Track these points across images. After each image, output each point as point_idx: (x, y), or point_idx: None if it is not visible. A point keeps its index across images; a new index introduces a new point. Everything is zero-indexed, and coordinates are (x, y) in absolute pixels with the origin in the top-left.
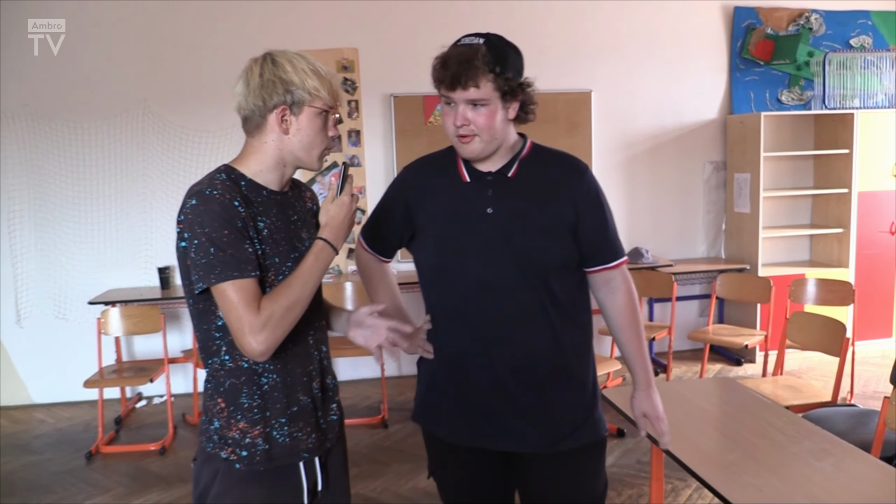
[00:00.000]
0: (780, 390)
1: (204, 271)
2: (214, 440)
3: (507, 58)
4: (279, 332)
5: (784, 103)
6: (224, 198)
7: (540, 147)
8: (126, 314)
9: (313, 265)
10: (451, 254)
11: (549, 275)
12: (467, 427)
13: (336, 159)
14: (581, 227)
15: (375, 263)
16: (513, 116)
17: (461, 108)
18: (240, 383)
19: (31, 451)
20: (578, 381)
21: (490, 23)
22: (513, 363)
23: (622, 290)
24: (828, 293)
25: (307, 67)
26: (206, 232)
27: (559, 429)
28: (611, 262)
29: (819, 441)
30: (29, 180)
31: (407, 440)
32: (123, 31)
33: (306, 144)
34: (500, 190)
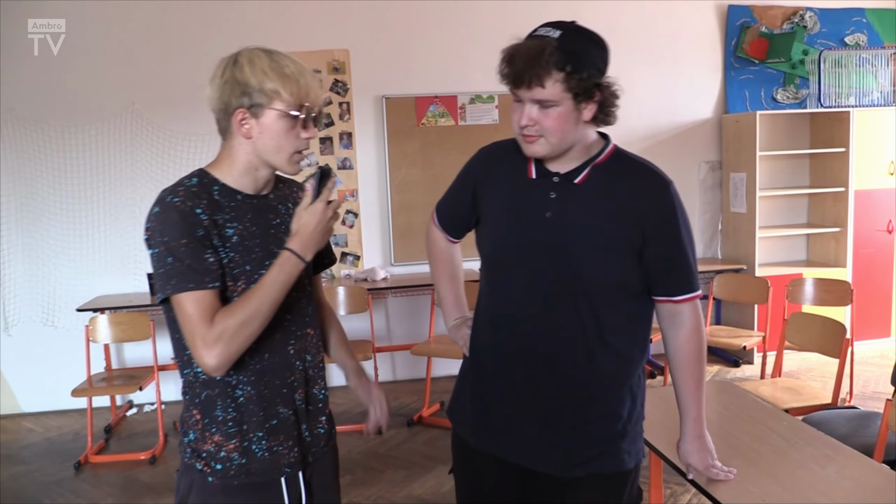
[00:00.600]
0: (779, 393)
1: (162, 282)
2: (188, 452)
3: (582, 54)
4: (233, 346)
5: (779, 102)
6: (185, 205)
7: (622, 154)
8: (115, 321)
9: (276, 277)
10: (502, 250)
11: (598, 295)
12: (487, 433)
13: (327, 163)
14: (648, 251)
15: (443, 242)
16: (588, 118)
17: (528, 106)
18: (214, 395)
19: (19, 462)
20: (610, 410)
21: (484, 24)
22: (538, 376)
23: (687, 328)
24: (826, 293)
25: (268, 66)
26: (165, 241)
27: (577, 453)
28: (677, 296)
29: (821, 447)
30: (16, 185)
31: (402, 447)
32: (111, 35)
33: (271, 148)
34: (564, 195)
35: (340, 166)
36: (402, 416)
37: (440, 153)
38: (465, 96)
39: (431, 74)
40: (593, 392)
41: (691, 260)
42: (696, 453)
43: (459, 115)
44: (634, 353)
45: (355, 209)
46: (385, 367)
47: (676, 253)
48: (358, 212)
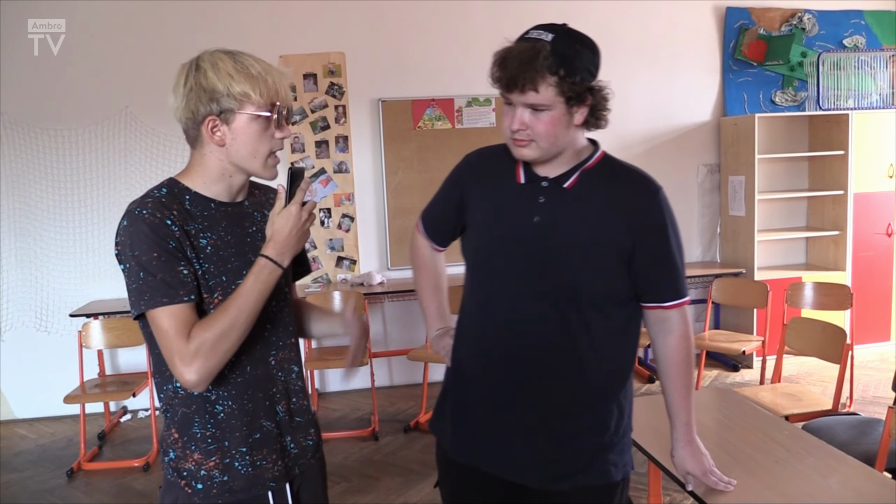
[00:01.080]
0: (779, 398)
1: (135, 297)
2: (170, 471)
3: (575, 58)
4: (213, 360)
5: (778, 104)
6: (154, 217)
7: (611, 159)
8: (108, 327)
9: (252, 286)
10: (489, 256)
11: (587, 302)
12: (468, 445)
13: (298, 163)
14: (637, 257)
15: (428, 250)
16: (579, 122)
17: (519, 110)
18: (191, 412)
19: (10, 469)
20: (599, 421)
21: (480, 26)
22: (524, 387)
23: (675, 334)
24: (825, 297)
25: (233, 69)
26: (135, 255)
27: (563, 465)
28: (666, 302)
29: (823, 456)
30: (8, 189)
31: (398, 453)
32: (104, 38)
33: (246, 153)
34: (553, 199)
35: (336, 170)
36: (399, 423)
37: (437, 157)
38: (462, 99)
39: (428, 77)
40: (581, 402)
41: (680, 266)
42: (690, 458)
43: (456, 119)
44: (623, 363)
45: (351, 213)
46: (382, 373)
47: (666, 259)
48: (354, 216)
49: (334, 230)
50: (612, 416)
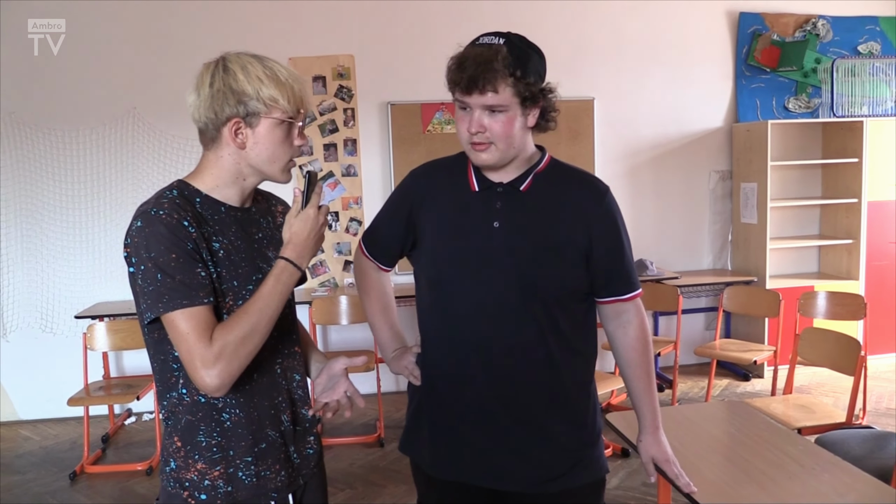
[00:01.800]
0: (791, 410)
1: (152, 300)
2: (171, 482)
3: (528, 60)
4: (235, 364)
5: (791, 111)
6: (171, 218)
7: (559, 163)
8: (113, 329)
9: (273, 288)
10: (450, 266)
11: (553, 300)
12: (450, 459)
13: (311, 168)
14: (594, 254)
15: (373, 271)
16: (532, 124)
17: (477, 113)
18: (196, 420)
19: (13, 471)
20: (576, 417)
21: (488, 29)
22: (504, 393)
23: (634, 325)
24: (839, 307)
25: (262, 73)
26: (152, 257)
27: (550, 468)
28: (623, 295)
29: (839, 473)
30: (15, 190)
31: (404, 460)
32: (111, 38)
33: (266, 158)
34: (510, 203)
35: (345, 173)
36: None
37: None
38: None
39: (437, 80)
40: (559, 401)
41: (631, 260)
42: (654, 445)
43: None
44: (589, 356)
45: (359, 217)
46: (388, 378)
47: (619, 254)
48: (362, 220)
49: (342, 234)
50: (587, 412)
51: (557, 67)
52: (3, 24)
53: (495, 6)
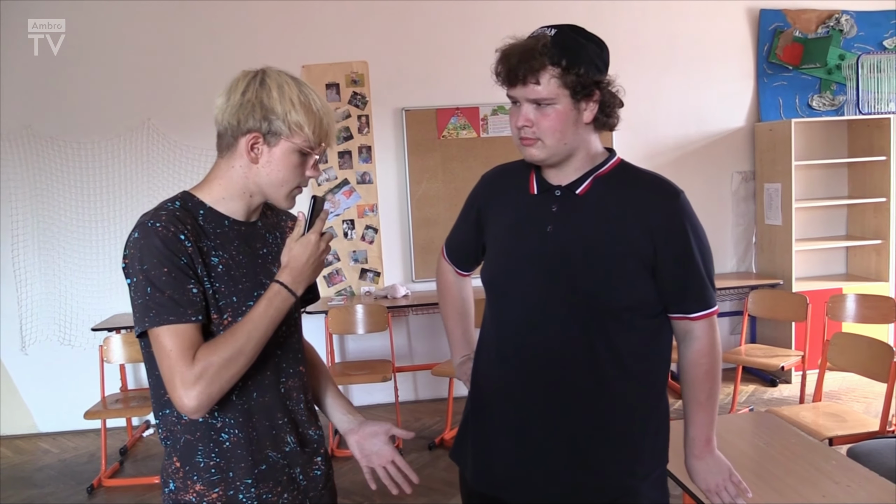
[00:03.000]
0: (821, 419)
1: (140, 313)
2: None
3: (578, 49)
4: (216, 386)
5: (815, 109)
6: (167, 231)
7: (628, 165)
8: (130, 341)
9: (265, 312)
10: (502, 272)
11: (608, 316)
12: (487, 472)
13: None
14: (660, 265)
15: (452, 276)
16: (589, 120)
17: (525, 107)
18: (195, 440)
19: (32, 485)
20: (626, 443)
21: (503, 33)
22: (544, 411)
23: (697, 347)
24: (868, 310)
25: (297, 98)
26: (144, 269)
27: (591, 496)
28: (691, 313)
29: (876, 491)
30: (32, 203)
31: (423, 471)
32: (125, 50)
33: (275, 180)
34: (565, 207)
35: (360, 180)
36: (424, 439)
37: (462, 166)
38: (487, 107)
39: (452, 86)
40: (609, 425)
41: (704, 275)
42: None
43: (482, 127)
44: (652, 381)
45: (375, 224)
46: (406, 387)
47: (689, 268)
48: (378, 227)
49: (358, 242)
50: (644, 443)
51: None
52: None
53: (509, 10)
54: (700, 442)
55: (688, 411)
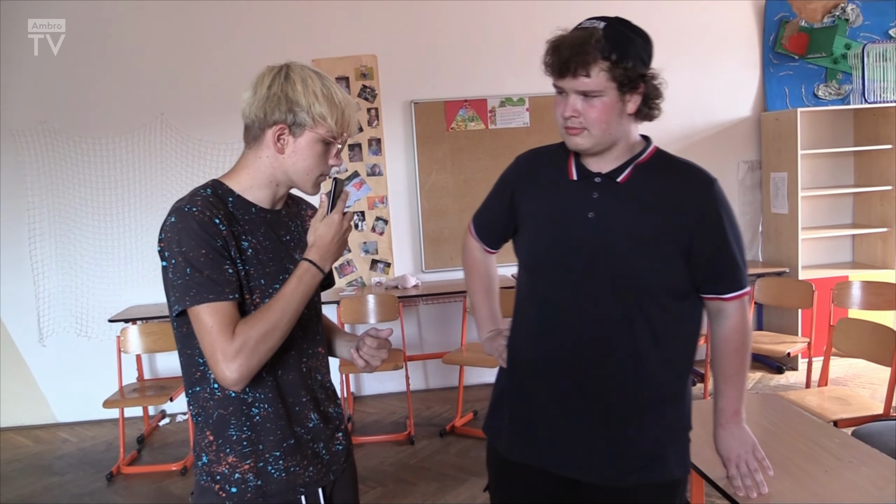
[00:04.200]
0: (826, 403)
1: (180, 293)
2: (204, 475)
3: (628, 44)
4: (254, 359)
5: (821, 98)
6: (203, 215)
7: (664, 154)
8: (146, 331)
9: (296, 288)
10: (543, 254)
11: (646, 298)
12: (526, 444)
13: (338, 176)
14: (696, 250)
15: (479, 253)
16: (632, 111)
17: (572, 98)
18: (228, 414)
19: (52, 473)
20: (661, 419)
21: (513, 25)
22: (585, 386)
23: (729, 324)
24: (874, 296)
25: (320, 90)
26: (183, 251)
27: (624, 463)
28: (725, 294)
29: (877, 466)
30: (49, 197)
31: (434, 457)
32: (138, 46)
33: (301, 169)
34: (607, 194)
35: (370, 173)
36: (435, 426)
37: (471, 158)
38: (495, 99)
39: (460, 78)
40: (643, 398)
41: (739, 258)
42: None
43: (490, 119)
44: (684, 359)
45: (385, 216)
46: (417, 376)
47: (724, 251)
48: (388, 218)
49: (368, 233)
50: (673, 413)
51: None
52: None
53: (518, 4)
54: (728, 413)
55: (718, 384)
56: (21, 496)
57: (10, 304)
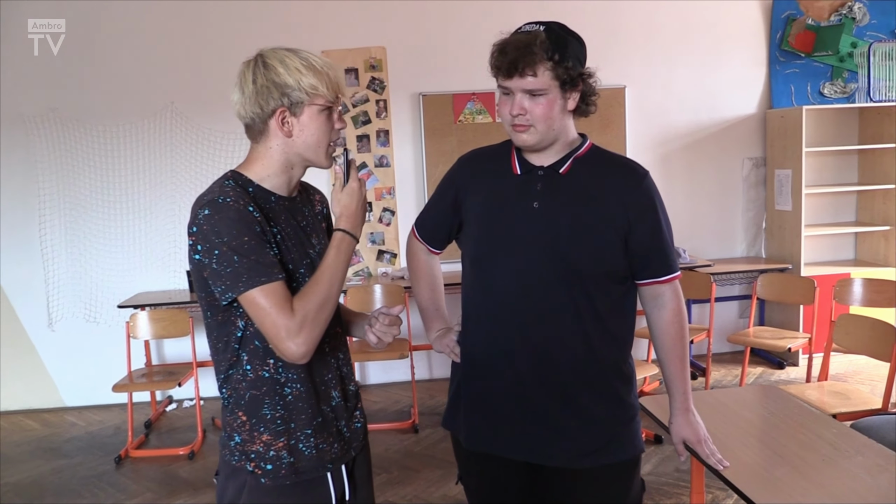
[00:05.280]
0: (826, 397)
1: (231, 280)
2: (237, 455)
3: (567, 45)
4: (316, 330)
5: (826, 96)
6: (238, 204)
7: (599, 149)
8: (155, 318)
9: (336, 258)
10: (492, 246)
11: (590, 281)
12: (487, 433)
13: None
14: (632, 237)
15: (424, 254)
16: (572, 108)
17: (518, 96)
18: (261, 394)
19: (61, 455)
20: (612, 395)
21: (521, 19)
22: (540, 370)
23: (670, 308)
24: (875, 294)
25: (301, 65)
26: (225, 241)
27: (585, 444)
28: (661, 277)
29: (872, 455)
30: (59, 184)
31: (438, 445)
32: (149, 34)
33: (312, 143)
34: (550, 185)
35: (377, 164)
36: (439, 415)
37: None
38: None
39: (468, 71)
40: (595, 379)
41: (670, 243)
42: (687, 426)
43: (497, 112)
44: (627, 338)
45: (392, 207)
46: (422, 366)
47: (658, 237)
48: (395, 209)
49: (375, 224)
50: (622, 391)
51: (588, 56)
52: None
53: None
54: (688, 397)
55: (670, 372)
56: (31, 477)
57: (20, 289)
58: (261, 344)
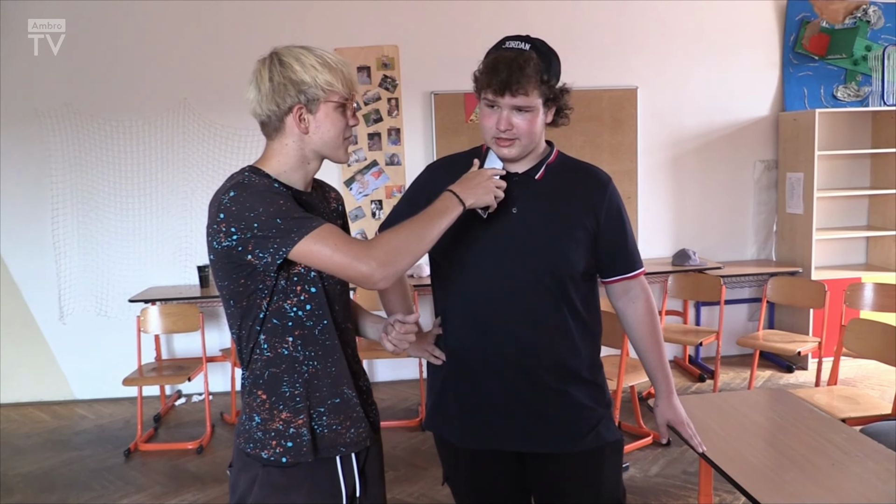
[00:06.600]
0: (835, 401)
1: (281, 238)
2: (256, 437)
3: (552, 64)
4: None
5: (840, 100)
6: (263, 181)
7: (566, 156)
8: (165, 312)
9: (432, 207)
10: (473, 251)
11: (567, 279)
12: (478, 429)
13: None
14: (601, 237)
15: None
16: (549, 121)
17: (506, 112)
18: (280, 372)
19: (71, 448)
20: (593, 382)
21: (534, 19)
22: (526, 362)
23: (641, 300)
24: (886, 298)
25: (316, 62)
26: (261, 211)
27: (574, 428)
28: (630, 272)
29: (882, 460)
30: (72, 178)
31: None
32: (164, 31)
33: (329, 139)
34: (526, 191)
35: (388, 162)
36: None
37: None
38: None
39: None
40: (576, 368)
41: (634, 242)
42: (669, 409)
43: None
44: (598, 330)
45: None
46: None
47: (623, 237)
48: None
49: None
50: (599, 379)
51: (600, 56)
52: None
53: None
54: (671, 384)
55: (648, 361)
56: (42, 469)
57: (32, 282)
58: (279, 322)
